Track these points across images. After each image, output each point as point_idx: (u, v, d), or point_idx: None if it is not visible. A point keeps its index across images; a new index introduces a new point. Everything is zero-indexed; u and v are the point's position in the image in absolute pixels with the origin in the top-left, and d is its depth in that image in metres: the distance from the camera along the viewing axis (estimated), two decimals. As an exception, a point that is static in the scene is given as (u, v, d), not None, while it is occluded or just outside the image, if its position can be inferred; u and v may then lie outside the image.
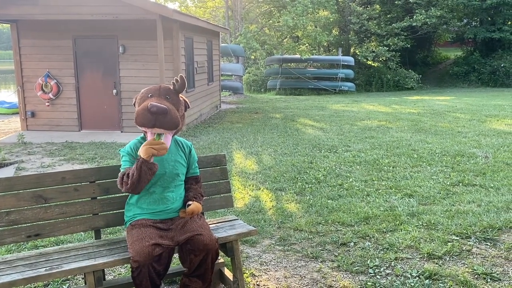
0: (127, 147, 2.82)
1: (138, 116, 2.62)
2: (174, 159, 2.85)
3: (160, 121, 2.60)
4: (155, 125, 2.61)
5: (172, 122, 2.64)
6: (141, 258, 2.49)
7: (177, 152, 2.89)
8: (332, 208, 4.69)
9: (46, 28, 9.60)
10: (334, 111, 13.45)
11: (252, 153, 7.48)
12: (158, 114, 2.58)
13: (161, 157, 2.78)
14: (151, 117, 2.59)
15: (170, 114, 2.64)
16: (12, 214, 2.72)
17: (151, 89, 2.81)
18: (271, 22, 22.15)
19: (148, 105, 2.60)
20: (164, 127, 2.63)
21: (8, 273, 2.46)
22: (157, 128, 2.63)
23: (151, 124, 2.60)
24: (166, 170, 2.79)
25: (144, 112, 2.60)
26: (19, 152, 7.91)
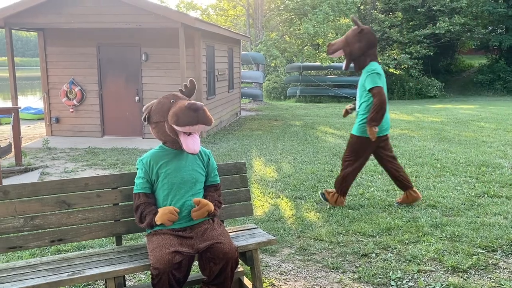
0: (145, 158, 2.85)
1: (180, 117, 2.65)
2: (192, 167, 2.86)
3: (202, 116, 2.68)
4: (199, 121, 2.67)
5: (211, 117, 2.75)
6: (161, 266, 2.49)
7: (195, 160, 2.90)
8: (353, 218, 4.62)
9: (71, 36, 9.83)
10: (354, 118, 13.32)
11: (271, 161, 7.46)
12: (200, 110, 2.66)
13: (178, 165, 2.80)
14: (194, 114, 2.65)
15: (206, 110, 2.74)
16: (37, 219, 2.77)
17: (167, 96, 2.85)
18: (291, 29, 22.18)
19: (186, 104, 2.66)
20: (205, 123, 2.70)
21: (32, 277, 2.50)
22: (200, 125, 2.68)
23: (195, 121, 2.66)
24: (184, 179, 2.81)
25: (186, 111, 2.65)
26: (43, 157, 8.08)
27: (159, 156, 2.84)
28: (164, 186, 2.78)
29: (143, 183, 2.81)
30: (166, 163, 2.81)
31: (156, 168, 2.80)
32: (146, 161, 2.83)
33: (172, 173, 2.79)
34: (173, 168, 2.80)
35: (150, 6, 8.62)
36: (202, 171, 2.92)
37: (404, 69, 23.96)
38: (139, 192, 2.80)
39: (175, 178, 2.79)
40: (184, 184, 2.80)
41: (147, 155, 2.86)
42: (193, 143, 2.72)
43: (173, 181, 2.78)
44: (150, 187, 2.82)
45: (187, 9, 23.03)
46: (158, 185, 2.80)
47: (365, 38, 4.58)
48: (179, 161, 2.83)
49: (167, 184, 2.78)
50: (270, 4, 21.83)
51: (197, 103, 2.67)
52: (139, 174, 2.84)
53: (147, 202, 2.78)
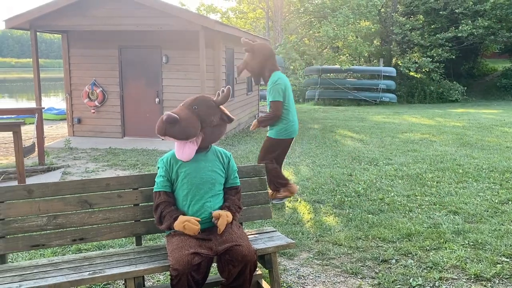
0: (165, 157, 2.89)
1: (157, 125, 2.78)
2: (211, 169, 2.87)
3: (168, 130, 2.72)
4: (166, 133, 2.74)
5: (181, 132, 2.72)
6: (181, 267, 2.50)
7: (215, 162, 2.91)
8: (372, 223, 4.57)
9: (94, 38, 10.00)
10: (374, 122, 13.19)
11: (289, 164, 7.43)
12: (167, 123, 2.71)
13: (198, 165, 2.82)
14: (162, 126, 2.73)
15: (179, 124, 2.72)
16: (59, 217, 2.82)
17: (189, 98, 2.91)
18: (311, 32, 22.13)
19: (164, 115, 2.74)
20: (173, 136, 2.73)
21: (54, 275, 2.54)
22: (167, 137, 2.74)
23: (162, 132, 2.74)
24: (202, 179, 2.82)
25: (159, 121, 2.75)
26: (65, 157, 8.23)
27: None
28: (184, 186, 2.80)
29: (164, 181, 2.83)
30: (186, 163, 2.83)
31: (176, 167, 2.82)
32: (166, 160, 2.86)
33: (192, 173, 2.81)
34: (193, 168, 2.81)
35: (171, 9, 8.71)
36: (222, 172, 2.93)
37: (425, 72, 23.62)
38: (159, 191, 2.82)
39: (194, 178, 2.80)
40: (203, 185, 2.81)
41: (168, 154, 2.89)
42: (182, 151, 2.77)
43: (193, 181, 2.80)
44: (170, 186, 2.84)
45: (207, 12, 23.21)
46: (178, 184, 2.82)
47: (258, 54, 4.96)
48: (199, 162, 2.85)
49: (187, 184, 2.80)
50: (289, 7, 21.82)
51: (171, 116, 2.69)
52: (159, 173, 2.86)
53: (167, 201, 2.79)
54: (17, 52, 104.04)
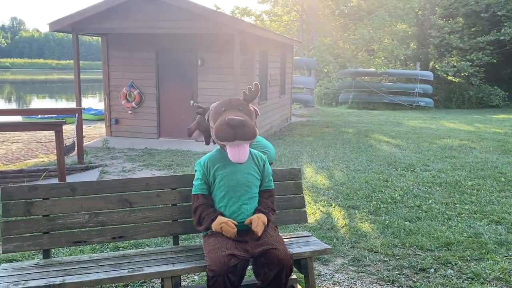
0: (203, 160, 2.90)
1: (218, 132, 2.71)
2: (247, 171, 2.87)
3: (239, 133, 2.67)
4: (236, 138, 2.68)
5: (250, 132, 2.71)
6: (217, 268, 2.52)
7: (251, 164, 2.91)
8: (409, 231, 4.45)
9: (133, 41, 10.25)
10: (411, 127, 12.89)
11: (323, 168, 7.36)
12: (237, 126, 2.66)
13: (234, 168, 2.83)
14: (231, 131, 2.67)
15: (247, 125, 2.70)
16: (100, 215, 2.89)
17: (222, 103, 2.88)
18: (346, 35, 21.90)
19: (226, 119, 2.68)
20: (244, 138, 2.70)
21: (95, 271, 2.61)
22: (238, 141, 2.68)
23: (231, 137, 2.69)
24: (238, 182, 2.82)
25: (223, 127, 2.69)
26: (103, 156, 8.46)
27: (216, 159, 2.88)
28: (221, 188, 2.82)
29: (201, 184, 2.85)
30: (223, 166, 2.84)
31: (213, 170, 2.84)
32: (204, 163, 2.88)
33: (228, 175, 2.82)
34: (229, 171, 2.83)
35: (208, 12, 8.82)
36: (258, 175, 2.93)
37: (463, 76, 22.92)
38: (197, 194, 2.85)
39: (231, 180, 2.82)
40: (240, 187, 2.82)
41: (205, 157, 2.91)
42: (239, 153, 2.74)
43: (229, 184, 2.81)
44: (207, 188, 2.86)
45: (242, 15, 23.37)
46: (215, 187, 2.84)
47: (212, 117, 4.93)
48: (235, 165, 2.86)
49: (224, 186, 2.81)
50: (324, 10, 21.67)
51: (236, 119, 2.66)
52: (197, 176, 2.89)
53: (206, 203, 2.82)
54: (58, 54, 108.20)
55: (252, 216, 2.78)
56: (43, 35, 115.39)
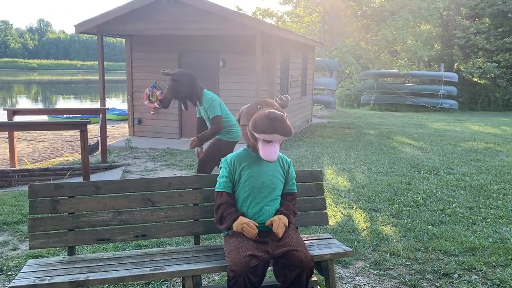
0: (229, 158, 2.91)
1: (256, 124, 2.68)
2: (272, 173, 2.88)
3: (279, 127, 2.66)
4: (275, 131, 2.66)
5: (289, 128, 2.71)
6: (238, 268, 2.53)
7: (276, 167, 2.91)
8: (432, 235, 4.38)
9: (156, 42, 10.39)
10: (434, 129, 12.66)
11: (344, 170, 7.30)
12: (278, 120, 2.65)
13: (260, 169, 2.83)
14: (271, 123, 2.65)
15: (286, 121, 2.71)
16: (124, 214, 2.94)
17: (257, 102, 2.90)
18: (368, 36, 21.67)
19: (266, 112, 2.66)
20: (282, 133, 2.68)
21: (118, 269, 2.65)
22: (275, 135, 2.67)
23: (271, 130, 2.65)
24: (264, 183, 2.83)
25: (263, 119, 2.67)
26: (126, 155, 8.59)
27: (243, 158, 2.89)
28: (245, 188, 2.83)
29: (226, 182, 2.86)
30: (249, 165, 2.85)
31: (239, 169, 2.85)
32: (230, 161, 2.89)
33: (254, 176, 2.83)
34: (255, 171, 2.83)
35: (230, 14, 8.86)
36: (282, 178, 2.93)
37: (490, 78, 22.39)
38: (221, 191, 2.86)
39: (256, 181, 2.82)
40: (264, 189, 2.83)
41: (232, 155, 2.92)
42: (270, 151, 2.72)
43: (254, 184, 2.82)
44: (232, 187, 2.87)
45: (263, 16, 23.39)
46: (240, 186, 2.84)
47: (182, 80, 4.94)
48: (261, 166, 2.86)
49: (248, 186, 2.82)
50: (347, 11, 21.50)
51: (277, 113, 2.65)
52: (222, 173, 2.89)
53: (228, 202, 2.83)
54: (83, 55, 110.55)
55: (273, 217, 2.78)
56: (68, 37, 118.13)
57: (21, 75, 62.76)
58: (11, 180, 6.52)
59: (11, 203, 5.27)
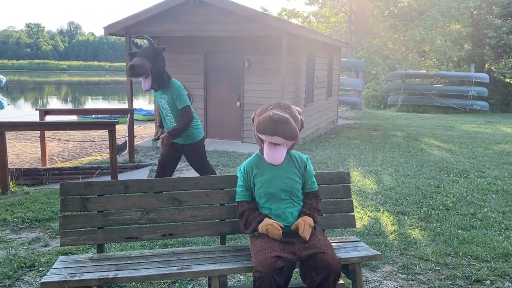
0: (242, 166, 2.92)
1: (259, 124, 2.69)
2: (287, 176, 2.84)
3: (280, 129, 2.64)
4: (276, 133, 2.65)
5: (291, 131, 2.67)
6: (264, 269, 2.52)
7: (291, 168, 2.88)
8: (463, 240, 4.26)
9: (182, 44, 10.50)
10: (464, 131, 12.34)
11: (370, 172, 7.20)
12: (279, 122, 2.63)
13: (273, 174, 2.82)
14: (272, 125, 2.64)
15: (290, 124, 2.67)
16: (151, 213, 2.97)
17: (271, 104, 2.89)
18: (395, 36, 21.32)
19: (270, 113, 2.66)
20: (283, 136, 2.66)
21: (146, 267, 2.68)
22: (276, 137, 2.65)
23: (271, 131, 2.65)
24: (278, 188, 2.81)
25: (266, 120, 2.67)
26: (152, 155, 8.71)
27: (255, 164, 2.88)
28: (261, 195, 2.82)
29: (244, 191, 2.87)
30: (261, 172, 2.84)
31: (253, 175, 2.86)
32: (244, 169, 2.90)
33: (267, 182, 2.81)
34: (268, 177, 2.82)
35: (256, 15, 8.87)
36: (299, 178, 2.89)
37: (523, 79, 21.64)
38: (241, 201, 2.87)
39: (270, 187, 2.81)
40: (280, 193, 2.81)
41: (245, 163, 2.93)
42: (274, 154, 2.71)
43: (268, 191, 2.80)
44: (250, 194, 2.88)
45: (289, 17, 23.33)
46: (256, 193, 2.85)
47: (161, 56, 4.54)
48: (274, 170, 2.84)
49: (263, 193, 2.82)
50: (373, 11, 21.22)
51: (280, 115, 2.62)
52: (239, 182, 2.91)
53: (251, 208, 2.83)
54: (111, 56, 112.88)
55: (298, 220, 2.76)
56: (97, 39, 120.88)
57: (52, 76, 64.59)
58: (42, 178, 6.70)
59: (42, 200, 5.41)
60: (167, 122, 4.72)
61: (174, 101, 4.50)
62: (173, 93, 4.49)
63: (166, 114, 4.64)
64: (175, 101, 4.51)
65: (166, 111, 4.61)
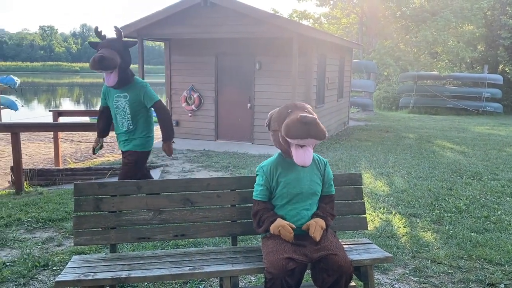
0: (265, 165, 2.88)
1: (290, 129, 2.61)
2: (310, 178, 2.84)
3: (313, 130, 2.59)
4: (310, 135, 2.59)
5: (322, 132, 2.63)
6: (275, 270, 2.52)
7: (313, 171, 2.87)
8: (476, 243, 4.21)
9: (193, 45, 10.55)
10: (477, 133, 12.20)
11: (382, 174, 7.15)
12: (311, 124, 2.58)
13: (297, 175, 2.81)
14: (305, 128, 2.58)
15: (319, 124, 2.64)
16: (164, 213, 3.00)
17: (287, 105, 2.83)
18: (407, 37, 21.17)
19: (299, 116, 2.60)
20: (317, 136, 2.60)
21: (158, 267, 2.70)
22: (309, 139, 2.61)
23: (305, 134, 2.58)
24: (302, 190, 2.80)
25: (296, 124, 2.60)
26: (164, 156, 8.77)
27: (279, 164, 2.86)
28: (283, 195, 2.81)
29: (263, 190, 2.85)
30: (285, 172, 2.82)
31: (277, 175, 2.83)
32: (267, 168, 2.86)
33: (292, 183, 2.80)
34: (293, 178, 2.81)
35: (267, 16, 8.88)
36: (320, 181, 2.89)
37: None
38: (258, 200, 2.86)
39: (294, 188, 2.80)
40: (302, 195, 2.80)
41: (268, 162, 2.91)
42: (304, 156, 2.66)
43: (292, 191, 2.79)
44: (269, 194, 2.86)
45: (300, 19, 23.30)
46: (277, 193, 2.83)
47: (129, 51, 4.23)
48: (298, 172, 2.82)
49: (286, 193, 2.80)
50: (385, 12, 21.10)
51: (309, 116, 2.58)
52: (259, 181, 2.89)
53: (266, 207, 2.83)
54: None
55: (310, 221, 2.75)
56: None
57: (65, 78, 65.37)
58: (56, 178, 6.79)
59: (56, 200, 5.48)
60: (121, 125, 4.23)
61: (142, 100, 4.10)
62: (139, 91, 4.10)
63: (122, 116, 4.15)
64: (143, 100, 4.10)
65: (124, 112, 4.14)
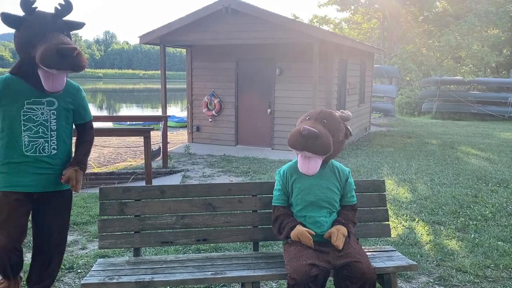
0: (282, 170, 2.91)
1: (290, 138, 2.71)
2: (326, 186, 2.82)
3: (310, 144, 2.64)
4: (305, 148, 2.65)
5: (322, 146, 2.65)
6: (298, 277, 2.51)
7: (330, 179, 2.86)
8: (503, 252, 4.10)
9: (214, 52, 10.65)
10: (503, 140, 11.91)
11: (405, 180, 7.05)
12: (309, 138, 2.63)
13: (312, 182, 2.80)
14: (302, 140, 2.64)
15: (320, 139, 2.65)
16: (186, 218, 3.02)
17: (311, 112, 2.88)
18: (430, 42, 20.88)
19: (301, 128, 2.66)
20: (313, 151, 2.65)
21: (181, 271, 2.73)
22: (306, 152, 2.65)
23: (300, 147, 2.65)
24: (316, 196, 2.79)
25: (296, 135, 2.67)
26: (185, 161, 8.85)
27: (295, 169, 2.87)
28: (298, 202, 2.81)
29: (281, 195, 2.87)
30: (299, 179, 2.83)
31: (291, 181, 2.84)
32: (283, 173, 2.89)
33: (306, 189, 2.80)
34: (307, 185, 2.81)
35: (287, 22, 8.91)
36: (337, 190, 2.86)
37: None
38: (277, 205, 2.87)
39: (308, 195, 2.79)
40: (317, 202, 2.79)
41: (285, 167, 2.92)
42: (308, 165, 2.70)
43: (306, 198, 2.79)
44: (286, 199, 2.87)
45: (320, 24, 23.26)
46: (293, 198, 2.84)
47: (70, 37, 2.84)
48: (314, 178, 2.82)
49: (300, 200, 2.80)
50: (407, 16, 20.88)
51: (310, 130, 2.61)
52: (277, 186, 2.91)
53: (286, 213, 2.83)
54: (145, 65, 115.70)
55: (331, 229, 2.74)
56: (131, 47, 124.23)
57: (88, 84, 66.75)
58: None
59: (80, 204, 5.59)
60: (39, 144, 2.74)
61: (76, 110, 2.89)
62: (75, 98, 2.86)
63: (47, 129, 2.74)
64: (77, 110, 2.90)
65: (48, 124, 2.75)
